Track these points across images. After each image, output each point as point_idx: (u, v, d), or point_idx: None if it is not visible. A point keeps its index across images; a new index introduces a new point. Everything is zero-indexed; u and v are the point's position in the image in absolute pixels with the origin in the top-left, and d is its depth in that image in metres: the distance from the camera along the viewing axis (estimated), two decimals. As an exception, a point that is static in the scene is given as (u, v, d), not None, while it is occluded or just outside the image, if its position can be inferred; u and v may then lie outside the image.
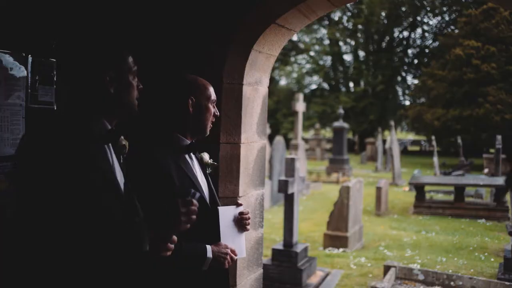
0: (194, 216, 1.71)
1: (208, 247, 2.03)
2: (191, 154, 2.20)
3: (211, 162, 2.33)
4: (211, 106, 2.21)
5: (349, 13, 32.08)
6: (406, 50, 32.69)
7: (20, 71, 2.39)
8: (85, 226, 1.58)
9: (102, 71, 1.77)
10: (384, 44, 32.35)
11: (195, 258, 2.01)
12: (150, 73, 2.35)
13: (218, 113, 2.28)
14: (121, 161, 1.87)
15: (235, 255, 2.14)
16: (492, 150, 18.71)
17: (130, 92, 1.84)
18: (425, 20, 32.00)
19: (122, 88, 1.81)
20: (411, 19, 31.55)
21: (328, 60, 33.80)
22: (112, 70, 1.78)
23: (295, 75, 34.13)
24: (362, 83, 31.81)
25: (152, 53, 2.87)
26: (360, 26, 31.68)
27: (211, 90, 2.24)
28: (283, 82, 34.78)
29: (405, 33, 32.69)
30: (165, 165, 2.01)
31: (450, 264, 6.39)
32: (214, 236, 2.11)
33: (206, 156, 2.31)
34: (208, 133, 2.25)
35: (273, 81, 31.33)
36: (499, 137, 11.99)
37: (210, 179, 2.29)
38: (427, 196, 11.58)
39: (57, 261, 1.60)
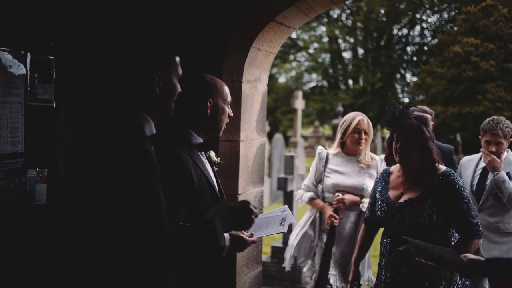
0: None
1: (226, 235, 2.03)
2: (202, 152, 2.22)
3: (218, 160, 2.35)
4: (226, 108, 2.22)
5: (348, 11, 32.04)
6: (405, 48, 32.65)
7: (19, 69, 2.39)
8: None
9: (152, 70, 1.77)
10: (383, 42, 32.30)
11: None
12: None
13: (232, 114, 2.29)
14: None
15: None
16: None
17: (173, 94, 1.85)
18: (424, 17, 31.98)
19: (168, 89, 1.82)
20: (410, 17, 31.52)
21: (327, 57, 33.75)
22: (161, 70, 1.78)
23: (294, 72, 34.09)
24: (361, 81, 31.79)
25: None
26: (359, 24, 31.64)
27: (227, 91, 2.26)
28: (282, 79, 34.74)
29: (404, 31, 32.66)
30: (185, 161, 2.01)
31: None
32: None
33: (213, 154, 2.33)
34: (221, 133, 2.27)
35: (272, 79, 31.31)
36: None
37: (217, 177, 2.31)
38: (426, 193, 11.56)
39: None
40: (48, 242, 2.53)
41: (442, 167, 2.72)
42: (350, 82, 33.19)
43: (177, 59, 1.87)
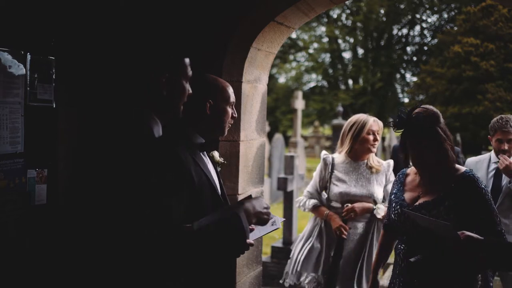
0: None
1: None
2: (204, 152, 2.21)
3: (222, 160, 2.34)
4: (229, 108, 2.21)
5: (348, 11, 32.06)
6: (405, 48, 32.68)
7: (19, 69, 2.39)
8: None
9: (159, 72, 1.77)
10: (383, 42, 32.33)
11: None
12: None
13: (236, 115, 2.28)
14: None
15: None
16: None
17: (181, 96, 1.85)
18: (424, 17, 32.02)
19: (175, 91, 1.82)
20: (410, 17, 31.54)
21: (327, 57, 33.78)
22: (168, 72, 1.78)
23: (294, 72, 34.11)
24: (361, 81, 31.81)
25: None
26: (359, 24, 31.66)
27: (230, 92, 2.24)
28: (282, 79, 34.76)
29: (404, 31, 32.68)
30: (185, 161, 2.01)
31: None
32: None
33: (216, 154, 2.32)
34: (225, 133, 2.26)
35: (272, 79, 31.32)
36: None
37: (220, 177, 2.30)
38: (426, 193, 11.55)
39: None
40: (48, 242, 2.53)
41: (462, 168, 2.51)
42: (350, 82, 33.21)
43: (186, 60, 1.86)
